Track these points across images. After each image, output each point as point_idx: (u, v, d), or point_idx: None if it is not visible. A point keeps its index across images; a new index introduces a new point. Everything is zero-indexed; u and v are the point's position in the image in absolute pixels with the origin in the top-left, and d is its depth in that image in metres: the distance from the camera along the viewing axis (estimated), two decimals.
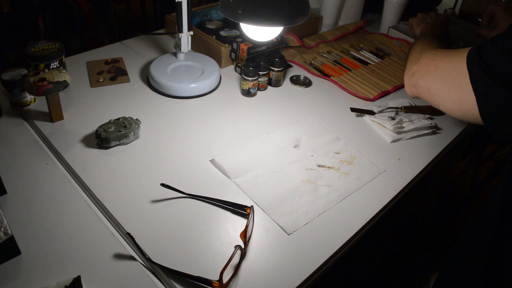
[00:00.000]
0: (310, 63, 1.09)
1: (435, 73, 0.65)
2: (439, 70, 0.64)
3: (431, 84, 0.66)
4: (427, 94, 0.69)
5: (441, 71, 0.64)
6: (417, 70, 0.71)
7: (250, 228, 0.61)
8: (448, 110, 0.64)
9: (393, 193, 0.72)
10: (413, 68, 0.72)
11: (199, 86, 0.92)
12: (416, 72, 0.71)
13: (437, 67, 0.65)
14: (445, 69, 0.63)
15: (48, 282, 0.52)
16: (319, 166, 0.76)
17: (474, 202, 1.74)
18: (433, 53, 0.68)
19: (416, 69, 0.71)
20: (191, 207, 0.66)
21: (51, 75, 0.76)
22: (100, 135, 0.74)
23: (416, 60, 0.72)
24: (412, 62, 0.73)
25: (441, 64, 0.64)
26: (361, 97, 0.97)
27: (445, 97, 0.63)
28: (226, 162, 0.73)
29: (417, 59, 0.72)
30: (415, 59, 0.73)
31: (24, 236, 0.58)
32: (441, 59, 0.65)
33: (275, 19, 0.70)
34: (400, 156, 0.80)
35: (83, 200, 0.65)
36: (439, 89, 0.64)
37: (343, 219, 0.66)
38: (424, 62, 0.69)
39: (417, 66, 0.71)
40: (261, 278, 0.56)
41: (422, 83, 0.69)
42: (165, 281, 0.55)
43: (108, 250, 0.58)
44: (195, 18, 1.15)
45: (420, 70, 0.70)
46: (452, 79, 0.60)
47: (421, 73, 0.69)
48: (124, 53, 1.06)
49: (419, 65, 0.70)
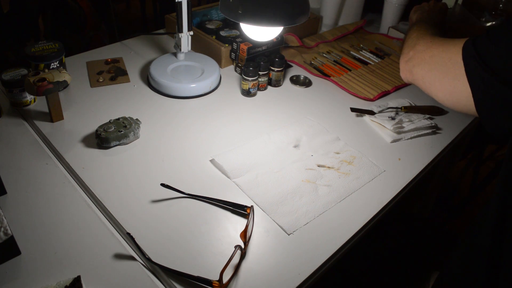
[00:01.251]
0: (310, 63, 1.09)
1: (430, 61, 0.65)
2: (434, 58, 0.64)
3: (425, 72, 0.66)
4: (420, 81, 0.68)
5: (436, 60, 0.64)
6: (413, 57, 0.70)
7: (250, 228, 0.61)
8: (441, 99, 0.64)
9: (393, 193, 0.72)
10: (410, 53, 0.71)
11: (199, 86, 0.92)
12: (412, 58, 0.71)
13: (432, 56, 0.65)
14: (440, 58, 0.62)
15: (48, 282, 0.53)
16: (319, 166, 0.76)
17: (474, 202, 1.74)
18: (430, 41, 0.68)
19: (412, 55, 0.71)
20: (191, 207, 0.66)
21: (51, 75, 0.76)
22: (100, 135, 0.74)
23: (412, 46, 0.72)
24: (409, 47, 0.73)
25: (437, 53, 0.64)
26: (361, 97, 0.97)
27: (439, 86, 0.63)
28: (226, 162, 0.73)
29: (413, 45, 0.72)
30: (411, 44, 0.73)
31: (24, 236, 0.58)
32: (437, 47, 0.65)
33: (275, 19, 0.70)
34: (400, 156, 0.80)
35: (83, 200, 0.65)
36: (433, 78, 0.64)
37: (343, 219, 0.66)
38: (420, 49, 0.69)
39: (413, 52, 0.71)
40: (261, 278, 0.56)
41: (417, 70, 0.69)
42: (165, 281, 0.55)
43: (108, 250, 0.58)
44: (195, 18, 1.15)
45: (416, 57, 0.70)
46: (446, 68, 0.60)
47: (416, 60, 0.69)
48: (124, 53, 1.06)
49: (415, 52, 0.70)
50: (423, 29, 0.76)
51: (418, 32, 0.75)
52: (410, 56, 0.72)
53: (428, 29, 0.76)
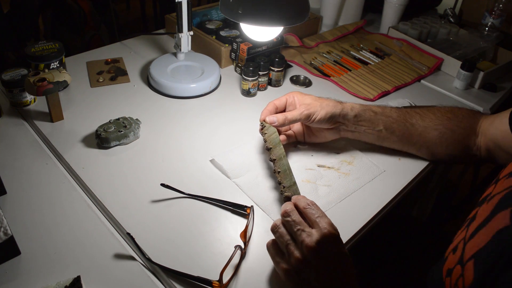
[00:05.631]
0: (310, 63, 1.09)
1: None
2: None
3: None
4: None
5: None
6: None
7: (250, 228, 0.61)
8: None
9: (393, 193, 0.72)
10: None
11: (199, 86, 0.92)
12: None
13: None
14: None
15: (48, 282, 0.52)
16: (319, 166, 0.76)
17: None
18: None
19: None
20: (191, 207, 0.66)
21: (51, 75, 0.76)
22: (100, 135, 0.74)
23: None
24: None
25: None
26: (361, 97, 0.97)
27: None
28: (226, 162, 0.73)
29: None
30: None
31: (24, 236, 0.58)
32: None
33: (275, 19, 0.70)
34: (400, 156, 0.80)
35: (83, 200, 0.65)
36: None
37: (343, 219, 0.66)
38: None
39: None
40: (261, 278, 0.56)
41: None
42: (165, 281, 0.55)
43: (108, 250, 0.58)
44: (195, 18, 1.15)
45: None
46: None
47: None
48: (124, 53, 1.06)
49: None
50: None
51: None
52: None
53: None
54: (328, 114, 0.70)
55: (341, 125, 0.73)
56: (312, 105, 0.70)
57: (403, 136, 0.75)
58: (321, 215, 0.53)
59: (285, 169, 0.65)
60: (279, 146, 0.68)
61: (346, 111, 0.71)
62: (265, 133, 0.70)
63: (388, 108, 0.75)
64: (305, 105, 0.71)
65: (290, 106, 0.74)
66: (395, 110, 0.75)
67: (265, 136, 0.70)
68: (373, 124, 0.73)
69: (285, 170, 0.65)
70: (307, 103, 0.71)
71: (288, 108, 0.75)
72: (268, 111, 0.73)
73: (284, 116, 0.70)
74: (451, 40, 1.23)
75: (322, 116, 0.70)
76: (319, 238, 0.50)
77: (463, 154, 0.75)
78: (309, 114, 0.70)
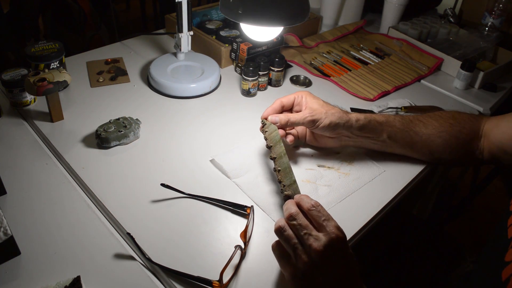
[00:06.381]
0: (310, 63, 1.09)
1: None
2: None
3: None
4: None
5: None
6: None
7: (250, 228, 0.61)
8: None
9: (393, 193, 0.72)
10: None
11: (199, 86, 0.92)
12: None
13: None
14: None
15: (48, 282, 0.52)
16: (319, 166, 0.76)
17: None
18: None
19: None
20: (191, 207, 0.66)
21: (51, 75, 0.76)
22: (100, 135, 0.74)
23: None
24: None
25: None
26: (361, 97, 0.97)
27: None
28: (226, 162, 0.73)
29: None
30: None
31: (24, 236, 0.58)
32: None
33: (275, 19, 0.70)
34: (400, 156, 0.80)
35: (83, 200, 0.65)
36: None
37: (343, 219, 0.66)
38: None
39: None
40: (261, 278, 0.56)
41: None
42: (165, 281, 0.55)
43: (108, 250, 0.58)
44: (195, 18, 1.15)
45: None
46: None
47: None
48: (124, 53, 1.06)
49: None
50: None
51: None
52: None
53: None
54: (332, 124, 0.69)
55: (343, 136, 0.73)
56: (317, 111, 0.69)
57: (406, 144, 0.75)
58: (327, 217, 0.53)
59: (285, 167, 0.65)
60: (280, 144, 0.68)
61: (351, 123, 0.70)
62: (265, 131, 0.70)
63: (392, 117, 0.74)
64: (310, 109, 0.70)
65: (297, 105, 0.74)
66: (398, 118, 0.74)
67: (265, 134, 0.69)
68: (377, 134, 0.72)
69: (285, 168, 0.65)
70: (313, 108, 0.70)
71: (295, 107, 0.74)
72: (272, 109, 0.72)
73: (287, 118, 0.69)
74: (451, 40, 1.23)
75: (325, 125, 0.69)
76: (327, 242, 0.49)
77: (467, 158, 0.76)
78: (312, 121, 0.69)
